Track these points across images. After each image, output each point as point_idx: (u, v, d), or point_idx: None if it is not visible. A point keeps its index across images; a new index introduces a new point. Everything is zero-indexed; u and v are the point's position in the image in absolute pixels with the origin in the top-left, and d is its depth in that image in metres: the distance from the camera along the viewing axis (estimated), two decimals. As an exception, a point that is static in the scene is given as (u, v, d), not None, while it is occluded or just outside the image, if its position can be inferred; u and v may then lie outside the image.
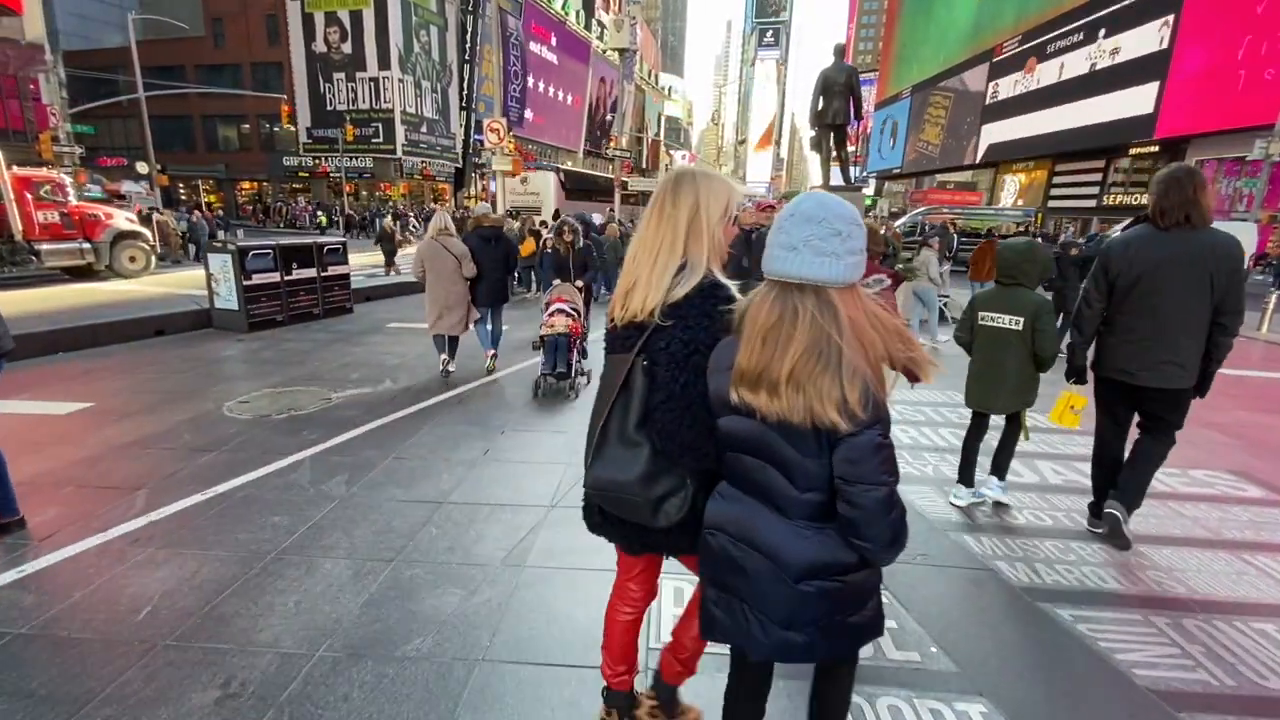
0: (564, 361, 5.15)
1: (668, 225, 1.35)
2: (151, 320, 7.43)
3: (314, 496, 3.35)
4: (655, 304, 1.32)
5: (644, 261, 1.37)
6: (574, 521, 3.20)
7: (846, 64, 10.34)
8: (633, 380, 1.33)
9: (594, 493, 1.41)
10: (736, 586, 1.27)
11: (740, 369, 1.18)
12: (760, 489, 1.24)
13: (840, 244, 1.12)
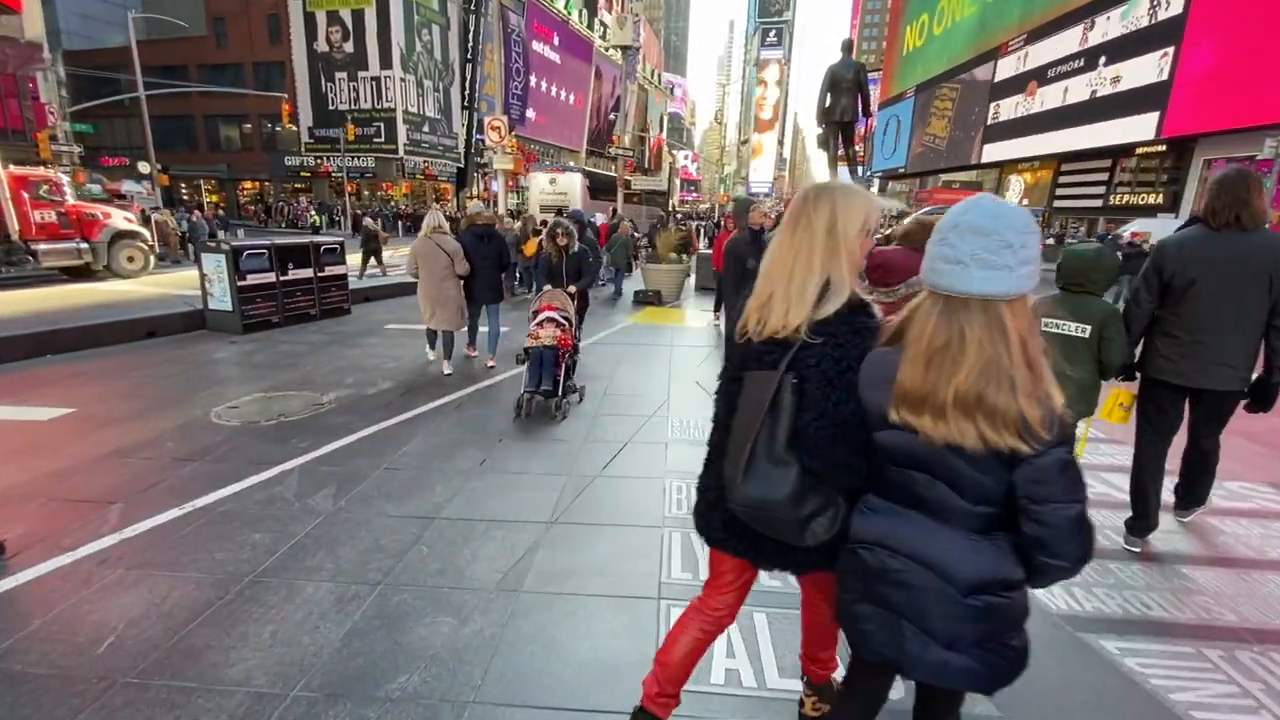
0: (550, 377, 4.62)
1: (804, 240, 1.35)
2: (143, 322, 7.25)
3: (299, 511, 3.16)
4: (800, 320, 1.31)
5: (778, 277, 1.36)
6: (574, 540, 3.05)
7: (854, 60, 10.12)
8: (780, 398, 1.30)
9: (742, 511, 1.36)
10: (895, 601, 1.25)
11: (903, 390, 1.16)
12: (924, 502, 1.21)
13: (1012, 256, 1.06)
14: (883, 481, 1.29)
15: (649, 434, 4.40)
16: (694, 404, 5.15)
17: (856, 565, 1.30)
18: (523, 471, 3.70)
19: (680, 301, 11.35)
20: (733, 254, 4.29)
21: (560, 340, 4.77)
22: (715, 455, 1.56)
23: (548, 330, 4.81)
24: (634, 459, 3.93)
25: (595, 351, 7.05)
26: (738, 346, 1.47)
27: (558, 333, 4.80)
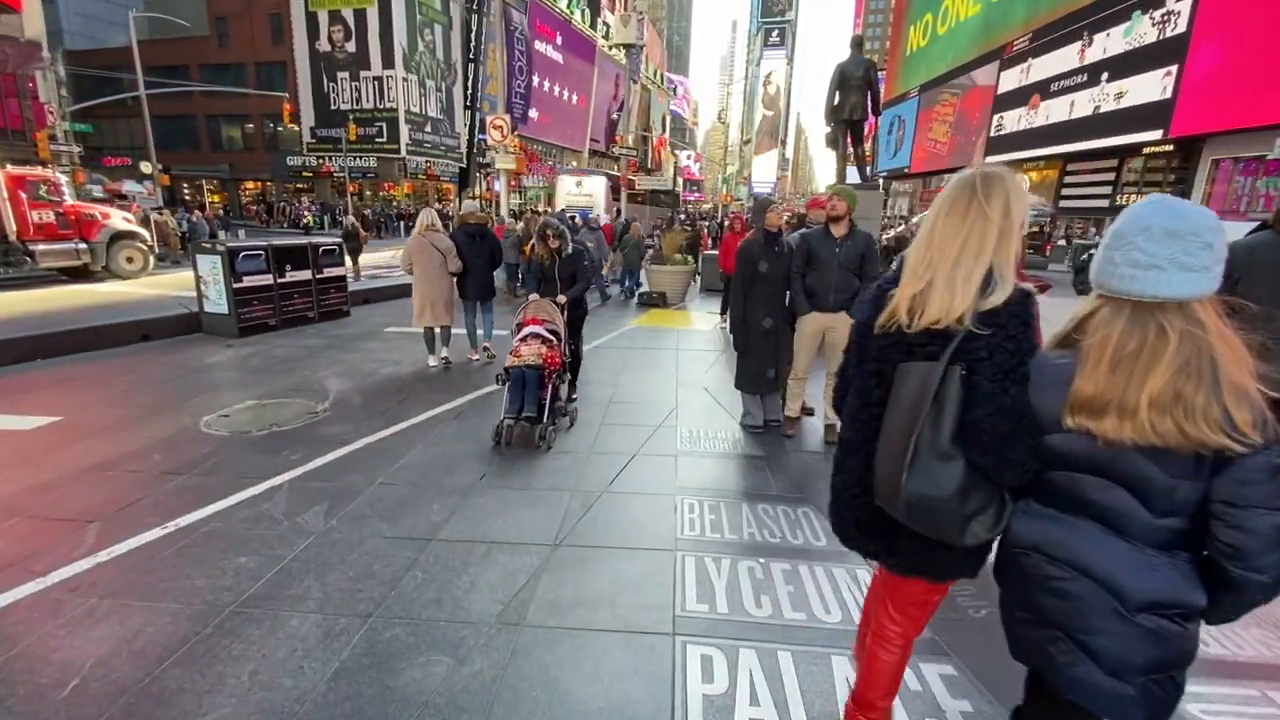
0: (533, 402, 4.04)
1: (976, 226, 1.29)
2: (137, 325, 7.08)
3: (287, 531, 2.97)
4: (964, 310, 1.26)
5: (941, 263, 1.30)
6: (580, 565, 2.81)
7: (864, 57, 9.91)
8: (946, 391, 1.25)
9: (902, 507, 1.29)
10: (1051, 610, 1.21)
11: (1082, 396, 1.13)
12: (1096, 509, 1.17)
13: (1210, 256, 1.05)
14: (1046, 486, 1.24)
15: (657, 445, 4.20)
16: (703, 412, 4.96)
17: (1014, 571, 1.27)
18: (525, 487, 3.51)
19: (686, 303, 11.15)
20: (746, 256, 4.09)
21: (546, 359, 4.18)
22: (849, 452, 1.49)
23: (531, 347, 4.22)
24: (642, 473, 3.74)
25: (599, 355, 6.86)
26: (878, 338, 1.40)
27: (543, 350, 4.22)
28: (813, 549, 2.92)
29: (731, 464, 3.93)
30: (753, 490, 3.54)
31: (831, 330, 4.12)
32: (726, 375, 6.10)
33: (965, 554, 1.35)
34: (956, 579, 1.45)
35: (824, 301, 4.03)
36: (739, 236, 8.66)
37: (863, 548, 1.52)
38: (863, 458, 1.44)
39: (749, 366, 4.32)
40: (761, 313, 4.14)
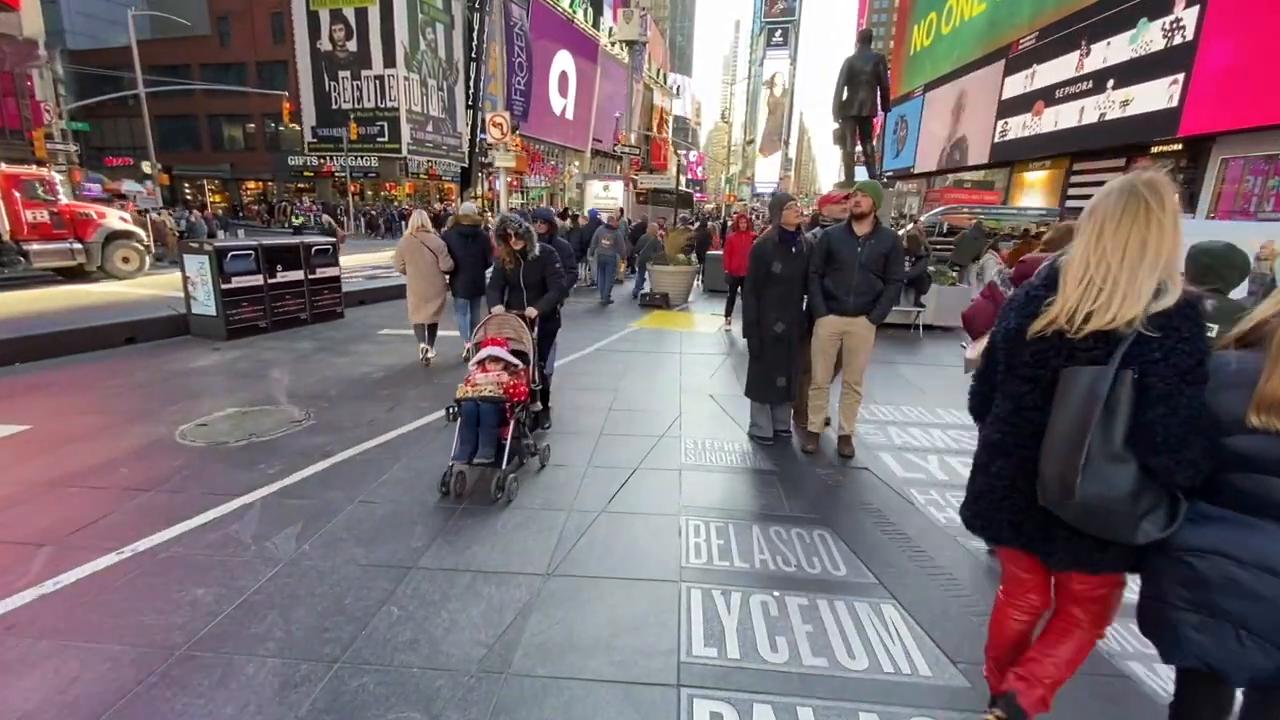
0: (490, 443, 3.28)
1: (1152, 232, 1.31)
2: (121, 327, 6.84)
3: (254, 558, 2.70)
4: (1134, 313, 1.28)
5: (1118, 267, 1.31)
6: (574, 599, 2.44)
7: (873, 52, 9.60)
8: (1117, 394, 1.27)
9: (1073, 509, 1.32)
10: (1236, 611, 1.22)
11: (1273, 397, 1.16)
12: None
13: None
14: (1221, 488, 1.27)
15: (660, 458, 3.93)
16: (708, 421, 4.68)
17: (1183, 573, 1.27)
18: (517, 505, 3.24)
19: (689, 304, 10.88)
20: (759, 256, 3.80)
21: (508, 388, 3.40)
22: (997, 454, 1.52)
23: (490, 374, 3.47)
24: (644, 490, 3.46)
25: (599, 359, 6.60)
26: (1032, 343, 1.42)
27: (505, 378, 3.46)
28: (832, 579, 2.64)
29: (740, 479, 3.65)
30: (764, 510, 3.26)
31: (850, 334, 3.84)
32: (732, 380, 5.83)
33: (1123, 549, 1.37)
34: (1117, 572, 1.47)
35: (842, 304, 3.75)
36: (744, 236, 8.39)
37: (1022, 547, 1.54)
38: (1016, 461, 1.48)
39: (759, 373, 4.04)
40: (773, 316, 3.86)
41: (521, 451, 3.55)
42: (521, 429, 3.51)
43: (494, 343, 3.65)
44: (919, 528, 3.15)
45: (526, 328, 3.77)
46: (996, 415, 1.56)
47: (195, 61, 34.60)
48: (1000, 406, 1.55)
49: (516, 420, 3.43)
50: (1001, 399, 1.54)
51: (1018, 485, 1.47)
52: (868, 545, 2.94)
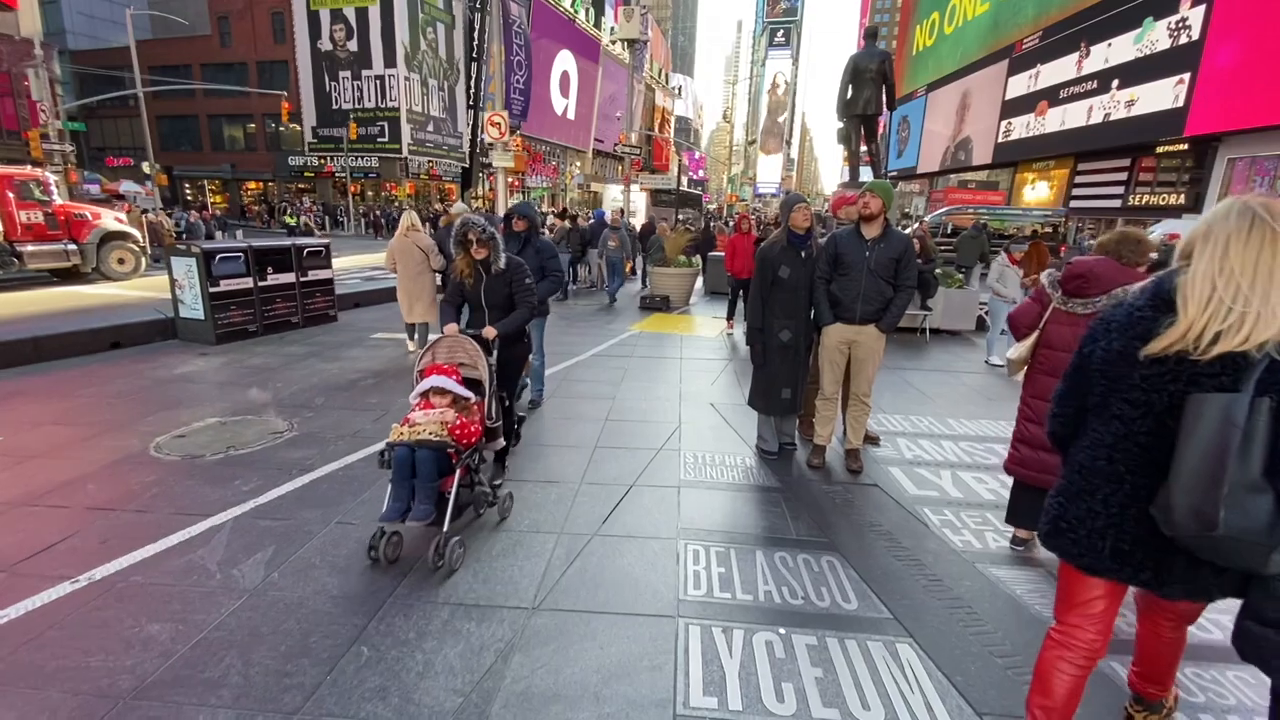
0: (428, 498, 2.62)
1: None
2: (106, 331, 6.65)
3: (217, 588, 2.51)
4: (1268, 336, 1.24)
5: (1247, 286, 1.27)
6: (562, 637, 2.18)
7: (879, 48, 9.37)
8: (1253, 423, 1.21)
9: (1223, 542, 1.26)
10: None
11: None
12: None
13: None
14: None
15: (658, 473, 3.72)
16: (709, 432, 4.47)
17: None
18: (504, 528, 3.03)
19: (690, 307, 10.67)
20: (766, 260, 3.58)
21: (455, 429, 2.70)
22: (1103, 481, 1.47)
23: (433, 412, 2.78)
24: (640, 509, 3.26)
25: (596, 365, 6.39)
26: (1144, 366, 1.37)
27: (450, 416, 2.75)
28: (842, 614, 2.43)
29: (743, 498, 3.45)
30: (768, 533, 3.05)
31: (857, 344, 3.63)
32: (734, 388, 5.62)
33: (1238, 576, 1.36)
34: (1228, 597, 1.44)
35: (849, 312, 3.54)
36: (746, 237, 8.19)
37: (1128, 577, 1.49)
38: (1128, 490, 1.43)
39: (763, 383, 3.83)
40: (779, 324, 3.65)
41: (477, 501, 2.97)
42: (474, 476, 2.91)
43: (440, 371, 2.88)
44: (934, 552, 2.94)
45: (483, 352, 3.04)
46: (1098, 441, 1.49)
47: (196, 61, 34.54)
48: (1100, 432, 1.49)
49: (467, 467, 2.79)
50: (1101, 423, 1.49)
51: (1129, 514, 1.43)
52: (880, 573, 2.73)
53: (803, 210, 3.54)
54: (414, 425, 2.71)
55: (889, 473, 3.86)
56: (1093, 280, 2.58)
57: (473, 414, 2.89)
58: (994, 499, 3.56)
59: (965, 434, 4.65)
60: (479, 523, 3.07)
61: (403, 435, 2.67)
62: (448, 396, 2.84)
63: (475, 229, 3.15)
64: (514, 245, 4.30)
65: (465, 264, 3.24)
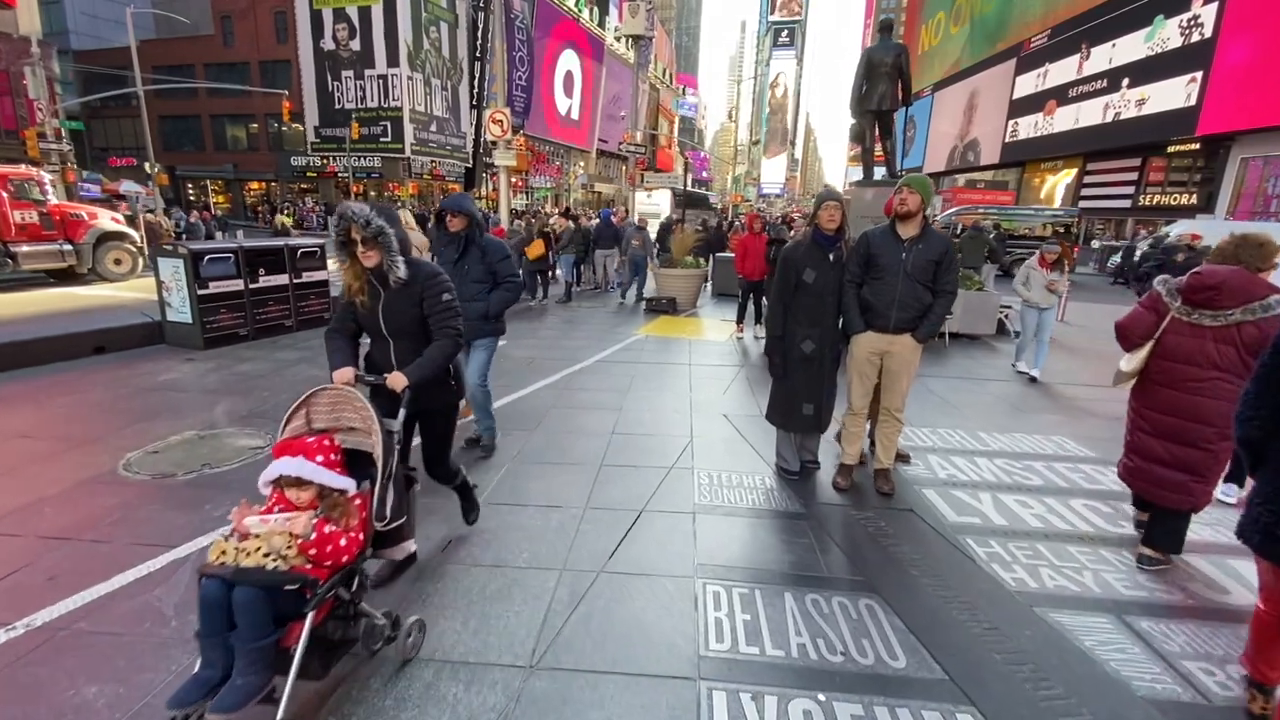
0: (254, 666, 1.60)
1: None
2: (89, 336, 6.36)
3: (171, 638, 2.19)
4: None
5: None
6: (563, 707, 1.82)
7: (895, 42, 9.02)
8: None
9: None
10: None
11: None
12: None
13: None
14: None
15: (670, 495, 3.39)
16: (724, 448, 4.14)
17: None
18: (499, 562, 2.71)
19: (697, 309, 10.34)
20: (790, 262, 3.23)
21: (313, 550, 1.74)
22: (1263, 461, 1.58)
23: (276, 518, 1.78)
24: (651, 540, 2.93)
25: (602, 372, 6.07)
26: None
27: (306, 525, 1.74)
28: (889, 674, 2.10)
29: (765, 526, 3.11)
30: (797, 569, 2.71)
31: (890, 355, 3.29)
32: (747, 398, 5.29)
33: None
34: None
35: (882, 319, 3.20)
36: (757, 238, 7.85)
37: None
38: None
39: (782, 398, 3.49)
40: (802, 333, 3.31)
41: (363, 637, 1.92)
42: (351, 607, 1.88)
43: (299, 448, 1.85)
44: (986, 594, 2.60)
45: (373, 412, 1.98)
46: (1264, 425, 1.57)
47: (199, 61, 34.41)
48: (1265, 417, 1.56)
49: (338, 598, 1.81)
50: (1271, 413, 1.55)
51: None
52: (927, 620, 2.40)
53: (831, 208, 3.18)
54: (244, 536, 1.74)
55: (923, 496, 3.52)
56: (1227, 293, 2.45)
57: (350, 516, 1.86)
58: (1042, 527, 3.21)
59: (1000, 450, 4.31)
60: (472, 557, 2.75)
61: (224, 555, 1.68)
62: (310, 489, 1.84)
63: (357, 221, 2.11)
64: (452, 249, 3.61)
65: (352, 276, 2.25)
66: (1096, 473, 3.98)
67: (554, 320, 9.05)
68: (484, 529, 2.99)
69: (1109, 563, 2.90)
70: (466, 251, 3.60)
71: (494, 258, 3.61)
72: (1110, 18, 23.61)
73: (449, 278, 2.43)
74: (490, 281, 3.65)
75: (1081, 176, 27.86)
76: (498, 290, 3.66)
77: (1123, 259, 19.00)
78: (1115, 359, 2.90)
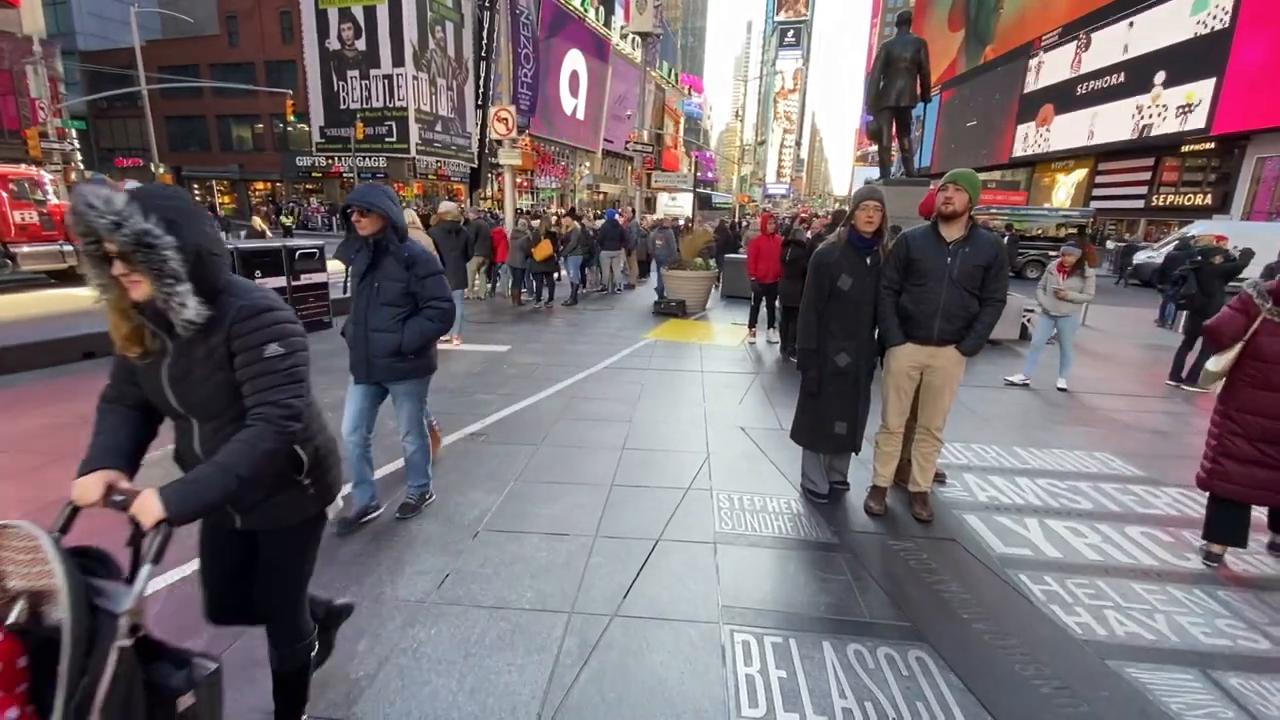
0: None
1: None
2: (76, 341, 6.12)
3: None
4: None
5: None
6: None
7: (914, 36, 8.70)
8: None
9: None
10: None
11: None
12: None
13: None
14: None
15: (688, 523, 3.10)
16: (744, 465, 3.84)
17: None
18: (501, 603, 2.42)
19: (707, 312, 10.05)
20: (823, 267, 2.93)
21: None
22: None
23: None
24: (670, 576, 2.63)
25: (611, 380, 5.78)
26: None
27: None
28: (954, 749, 1.80)
29: (795, 559, 2.81)
30: (834, 613, 2.42)
31: (931, 369, 2.99)
32: (764, 408, 5.00)
33: None
34: None
35: (924, 329, 2.90)
36: (771, 239, 7.55)
37: None
38: None
39: (813, 417, 3.18)
40: (836, 344, 3.00)
41: None
42: None
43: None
44: (1049, 644, 2.30)
45: (67, 581, 1.09)
46: None
47: (204, 61, 34.38)
48: None
49: None
50: None
51: None
52: (987, 677, 2.10)
53: (870, 208, 2.85)
54: None
55: (965, 522, 3.21)
56: None
57: None
58: (1100, 560, 2.90)
59: (1041, 468, 4.00)
60: (467, 590, 2.46)
61: None
62: None
63: (101, 221, 1.17)
64: (362, 259, 2.70)
65: (117, 315, 1.32)
66: (1149, 494, 3.66)
67: (560, 324, 8.77)
68: (485, 560, 2.70)
69: (1181, 604, 2.59)
70: (378, 263, 2.69)
71: (419, 272, 2.68)
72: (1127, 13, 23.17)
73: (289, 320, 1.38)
74: (410, 306, 2.74)
75: (1093, 176, 27.44)
76: (416, 318, 2.73)
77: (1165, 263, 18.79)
78: (1141, 364, 2.67)
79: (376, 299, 2.71)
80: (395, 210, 2.65)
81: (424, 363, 2.88)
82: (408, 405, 2.95)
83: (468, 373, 5.88)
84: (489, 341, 7.33)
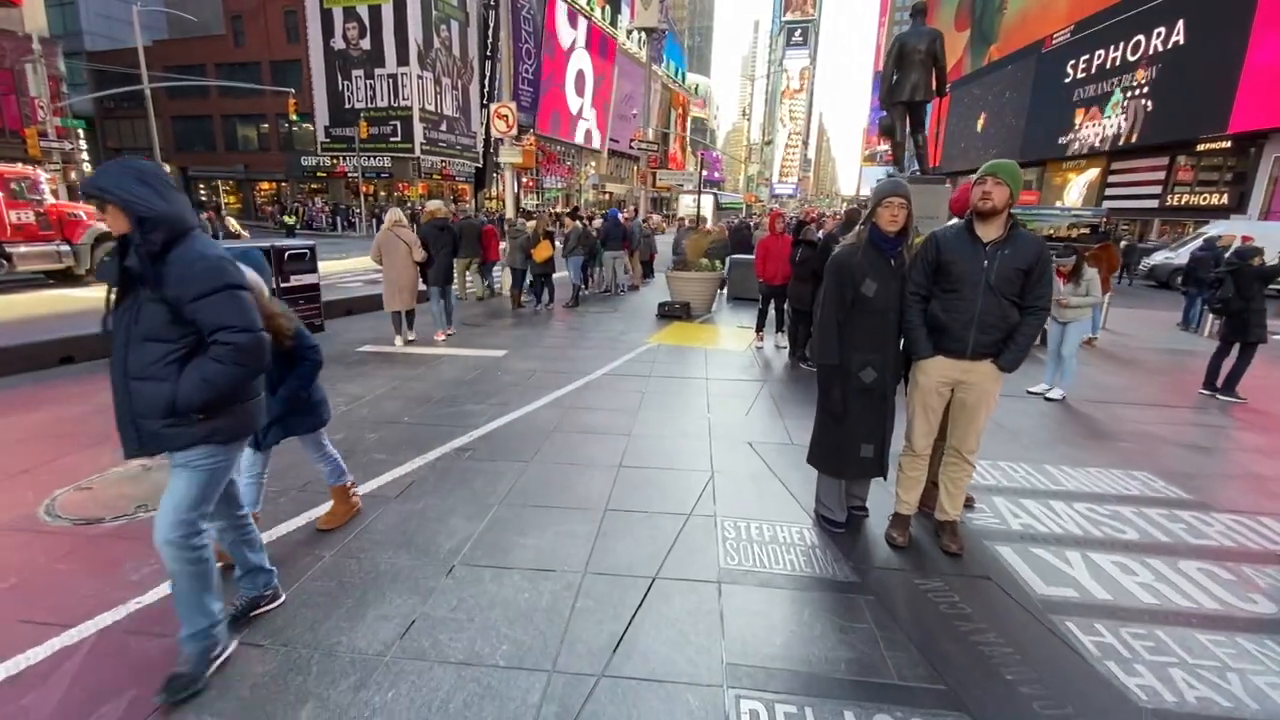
0: None
1: None
2: (53, 345, 5.88)
3: (16, 784, 1.62)
4: None
5: None
6: None
7: (929, 28, 8.33)
8: None
9: None
10: None
11: None
12: None
13: None
14: None
15: (689, 556, 2.78)
16: (751, 486, 3.52)
17: None
18: (470, 659, 2.10)
19: (712, 315, 9.71)
20: (844, 271, 2.59)
21: None
22: None
23: None
24: (667, 625, 2.32)
25: (610, 388, 5.47)
26: None
27: None
28: None
29: (810, 601, 2.49)
30: (856, 671, 2.09)
31: (965, 385, 2.65)
32: (773, 420, 4.67)
33: None
34: None
35: (957, 342, 2.56)
36: (780, 239, 7.21)
37: None
38: None
39: (835, 439, 2.84)
40: (860, 358, 2.67)
41: None
42: None
43: None
44: (1109, 713, 1.96)
45: None
46: None
47: (210, 61, 34.37)
48: None
49: None
50: None
51: None
52: (1042, 760, 1.77)
53: (894, 206, 2.51)
54: None
55: (999, 556, 2.88)
56: None
57: None
58: (1156, 603, 2.56)
59: (1077, 490, 3.65)
60: (438, 641, 2.15)
61: None
62: None
63: None
64: (109, 272, 1.78)
65: None
66: (1199, 522, 3.31)
67: (560, 327, 8.47)
68: (458, 603, 2.39)
69: (1255, 659, 2.24)
70: (134, 278, 1.76)
71: (190, 289, 1.73)
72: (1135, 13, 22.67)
73: None
74: (188, 340, 1.80)
75: (1105, 176, 26.88)
76: (198, 360, 1.80)
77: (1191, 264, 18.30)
78: (1167, 370, 2.29)
79: (136, 329, 1.76)
80: (146, 197, 1.69)
81: (226, 423, 1.88)
82: (183, 483, 1.91)
83: (459, 380, 5.59)
84: (484, 346, 7.04)
